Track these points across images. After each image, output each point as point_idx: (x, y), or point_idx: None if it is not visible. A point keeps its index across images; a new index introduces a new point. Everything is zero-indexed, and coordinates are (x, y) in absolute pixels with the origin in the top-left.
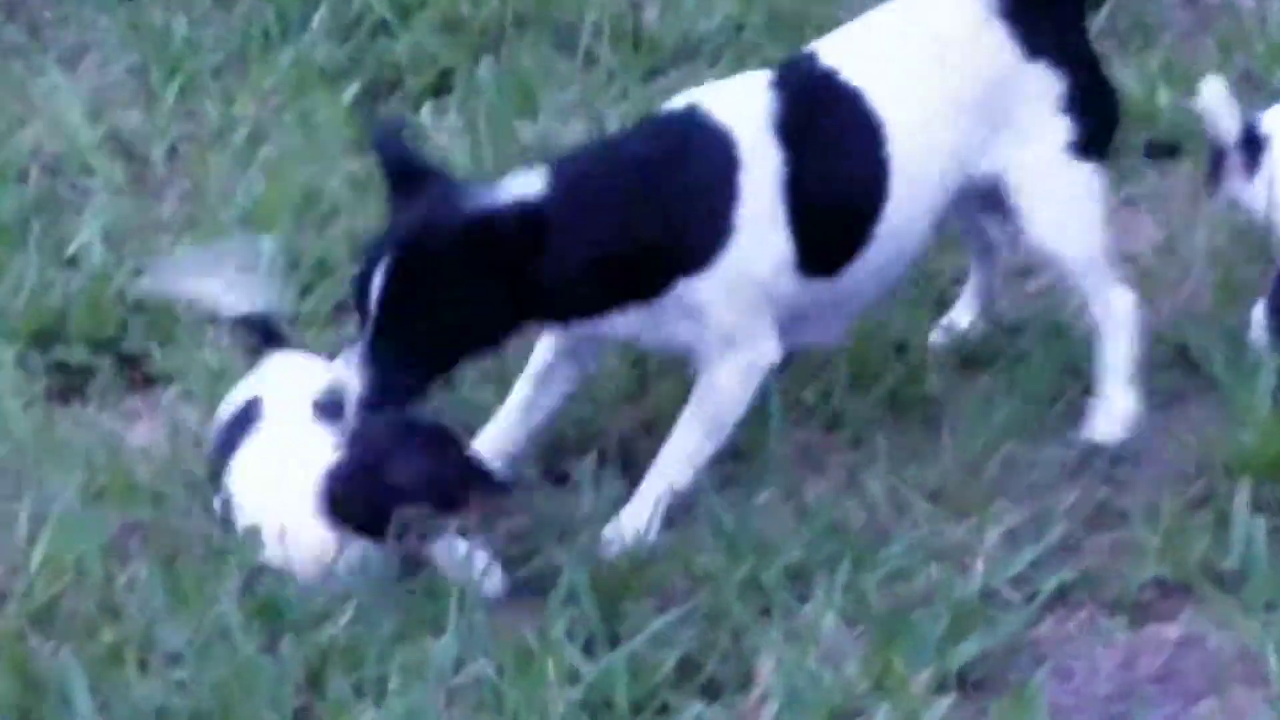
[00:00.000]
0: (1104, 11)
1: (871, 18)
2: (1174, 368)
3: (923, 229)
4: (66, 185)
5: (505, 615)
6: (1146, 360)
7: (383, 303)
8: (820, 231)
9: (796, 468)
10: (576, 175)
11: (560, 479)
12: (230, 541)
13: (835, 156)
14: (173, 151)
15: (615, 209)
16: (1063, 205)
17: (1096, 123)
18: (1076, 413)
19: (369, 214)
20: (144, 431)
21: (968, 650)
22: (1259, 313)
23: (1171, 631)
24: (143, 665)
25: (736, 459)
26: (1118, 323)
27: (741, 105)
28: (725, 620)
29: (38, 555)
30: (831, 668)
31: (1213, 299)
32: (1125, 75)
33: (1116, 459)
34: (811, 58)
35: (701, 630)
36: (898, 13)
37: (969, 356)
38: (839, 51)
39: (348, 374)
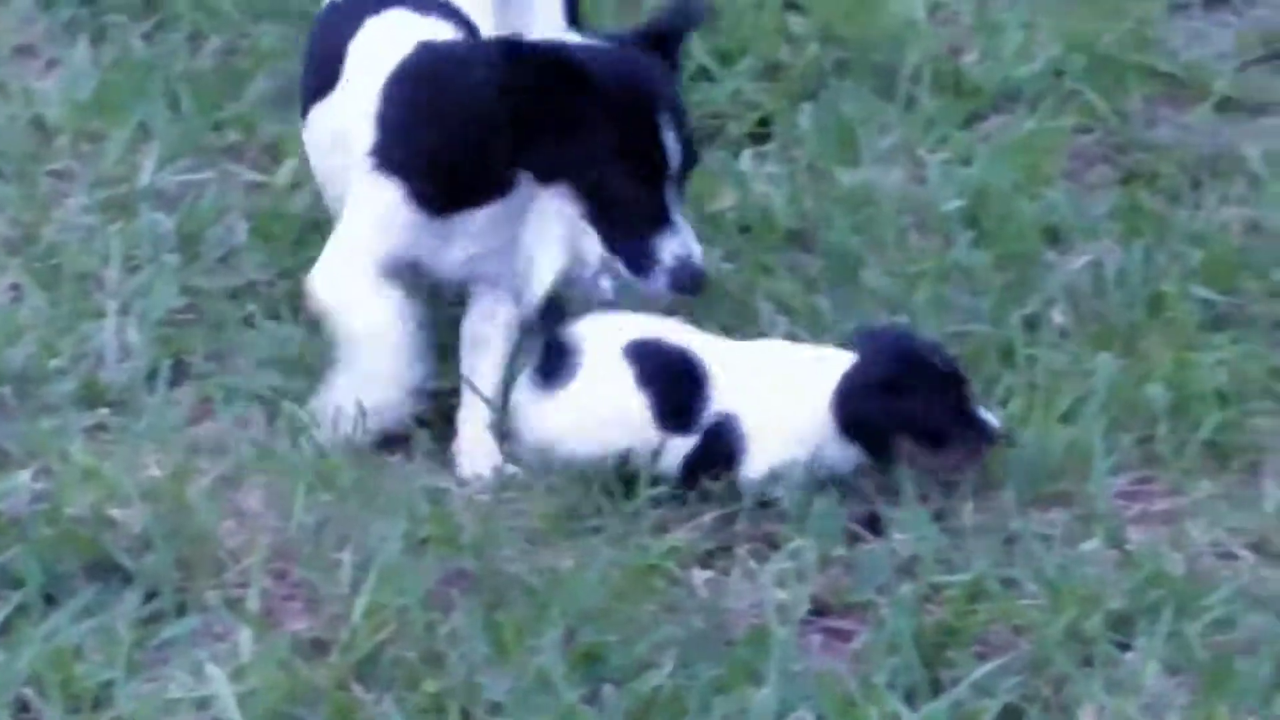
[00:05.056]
0: None
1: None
2: None
3: None
4: None
5: (826, 664)
6: None
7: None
8: None
9: (1119, 515)
10: None
11: (872, 523)
12: (553, 590)
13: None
14: None
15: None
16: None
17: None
18: None
19: None
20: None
21: None
22: None
23: None
24: (465, 715)
25: (1059, 505)
26: None
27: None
28: (1047, 670)
29: (361, 604)
30: (1154, 717)
31: None
32: None
33: None
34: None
35: (1023, 680)
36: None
37: None
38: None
39: (689, 243)
